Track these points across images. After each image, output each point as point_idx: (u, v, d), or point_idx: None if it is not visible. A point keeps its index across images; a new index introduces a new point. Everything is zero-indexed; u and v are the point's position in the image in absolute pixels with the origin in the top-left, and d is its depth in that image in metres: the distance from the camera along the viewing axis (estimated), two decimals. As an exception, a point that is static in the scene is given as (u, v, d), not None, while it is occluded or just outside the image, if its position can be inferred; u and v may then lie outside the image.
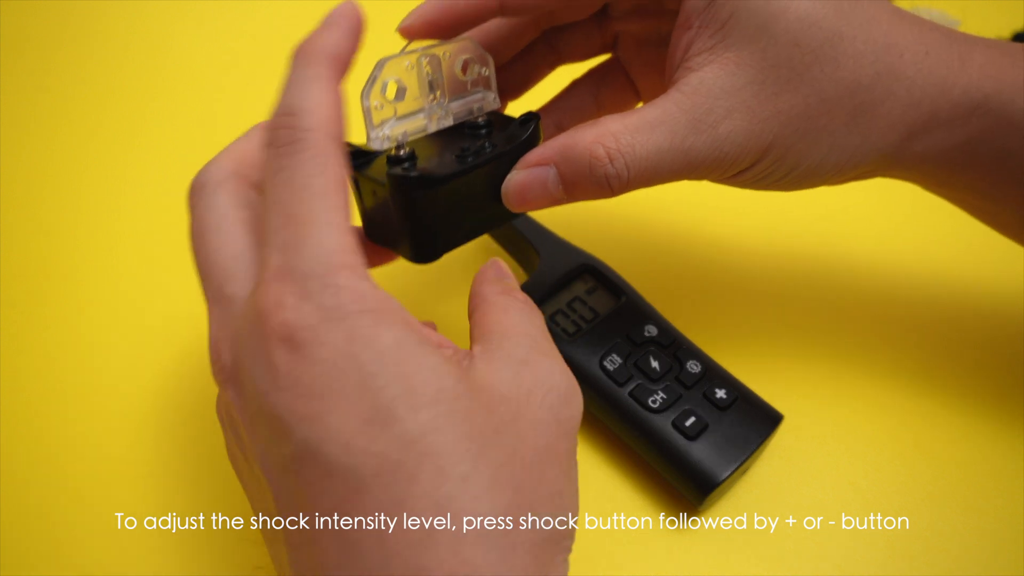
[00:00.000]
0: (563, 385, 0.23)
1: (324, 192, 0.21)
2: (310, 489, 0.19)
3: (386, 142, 0.25)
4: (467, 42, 0.27)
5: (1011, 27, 0.55)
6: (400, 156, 0.25)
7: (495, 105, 0.28)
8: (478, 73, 0.27)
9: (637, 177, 0.26)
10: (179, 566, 0.31)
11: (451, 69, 0.26)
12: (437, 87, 0.26)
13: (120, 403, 0.36)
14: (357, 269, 0.20)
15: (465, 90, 0.27)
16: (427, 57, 0.26)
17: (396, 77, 0.25)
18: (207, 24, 0.58)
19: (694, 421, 0.32)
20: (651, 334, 0.34)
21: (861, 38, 0.26)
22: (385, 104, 0.25)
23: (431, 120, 0.27)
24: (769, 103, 0.26)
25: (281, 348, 0.20)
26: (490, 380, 0.22)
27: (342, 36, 0.23)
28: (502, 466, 0.20)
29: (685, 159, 0.26)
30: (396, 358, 0.20)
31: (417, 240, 0.26)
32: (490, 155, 0.25)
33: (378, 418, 0.19)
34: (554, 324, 0.35)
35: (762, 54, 0.26)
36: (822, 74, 0.26)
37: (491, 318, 0.24)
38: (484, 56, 0.27)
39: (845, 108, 0.26)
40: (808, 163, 0.27)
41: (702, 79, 0.26)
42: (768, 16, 0.26)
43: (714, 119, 0.26)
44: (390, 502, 0.19)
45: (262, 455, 0.21)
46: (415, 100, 0.26)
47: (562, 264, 0.37)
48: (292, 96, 0.22)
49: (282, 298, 0.20)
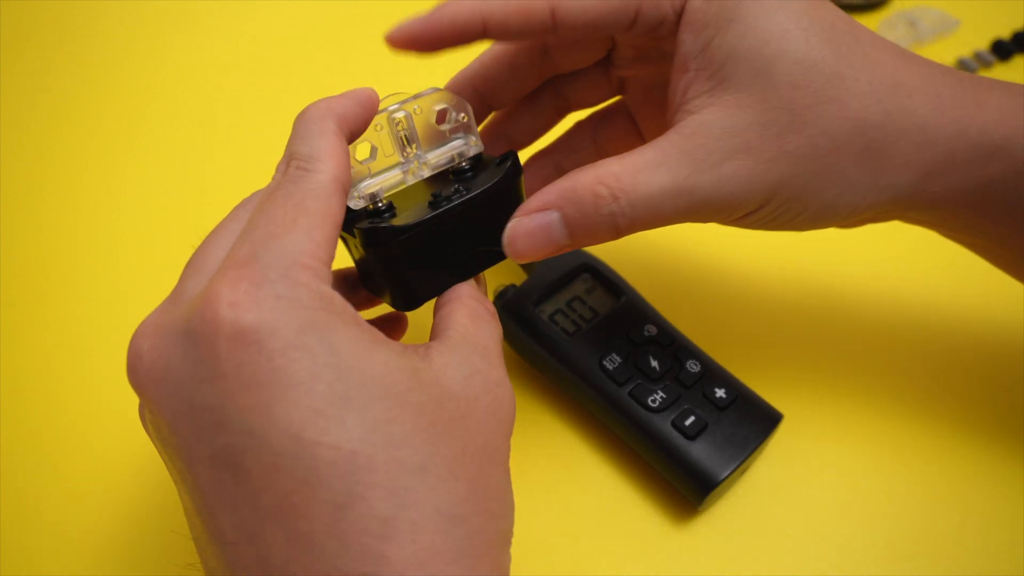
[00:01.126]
0: (506, 399, 0.23)
1: (314, 212, 0.21)
2: (251, 482, 0.19)
3: (361, 201, 0.26)
4: (441, 92, 0.26)
5: (1011, 27, 0.55)
6: (378, 209, 0.26)
7: (477, 150, 0.27)
8: (455, 120, 0.27)
9: (642, 217, 0.25)
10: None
11: (425, 121, 0.26)
12: (412, 141, 0.26)
13: (120, 404, 0.36)
14: (320, 273, 0.20)
15: (443, 139, 0.27)
16: (396, 115, 0.26)
17: (365, 139, 0.25)
18: (207, 24, 0.58)
19: (693, 421, 0.32)
20: (650, 334, 0.34)
21: (864, 79, 0.26)
22: (357, 165, 0.25)
23: (408, 174, 0.27)
24: (774, 144, 0.25)
25: (225, 333, 0.19)
26: (441, 377, 0.22)
27: (352, 104, 0.24)
28: (455, 458, 0.20)
29: (689, 199, 0.25)
30: (351, 352, 0.20)
31: (396, 289, 0.26)
32: (463, 199, 0.25)
33: (331, 408, 0.19)
34: (553, 324, 0.35)
35: (762, 96, 0.25)
36: (827, 114, 0.25)
37: (458, 317, 0.25)
38: (460, 103, 0.27)
39: (855, 146, 0.26)
40: (820, 204, 0.27)
41: (702, 121, 0.26)
42: (764, 60, 0.25)
43: (716, 159, 0.25)
44: (345, 493, 0.18)
45: (188, 450, 0.20)
46: (388, 157, 0.26)
47: (561, 263, 0.37)
48: (304, 144, 0.23)
49: (237, 283, 0.19)
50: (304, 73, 0.54)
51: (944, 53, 0.54)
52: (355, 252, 0.27)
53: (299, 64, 0.55)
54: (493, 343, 0.25)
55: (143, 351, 0.21)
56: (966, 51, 0.54)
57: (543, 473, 0.34)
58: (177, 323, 0.20)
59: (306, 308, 0.19)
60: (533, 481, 0.34)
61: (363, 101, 0.24)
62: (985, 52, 0.53)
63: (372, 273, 0.27)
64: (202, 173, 0.47)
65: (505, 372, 0.24)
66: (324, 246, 0.21)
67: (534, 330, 0.35)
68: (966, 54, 0.54)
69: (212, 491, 0.19)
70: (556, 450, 0.35)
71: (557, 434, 0.35)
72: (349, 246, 0.27)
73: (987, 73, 0.53)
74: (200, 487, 0.20)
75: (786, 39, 0.25)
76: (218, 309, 0.19)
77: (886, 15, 0.57)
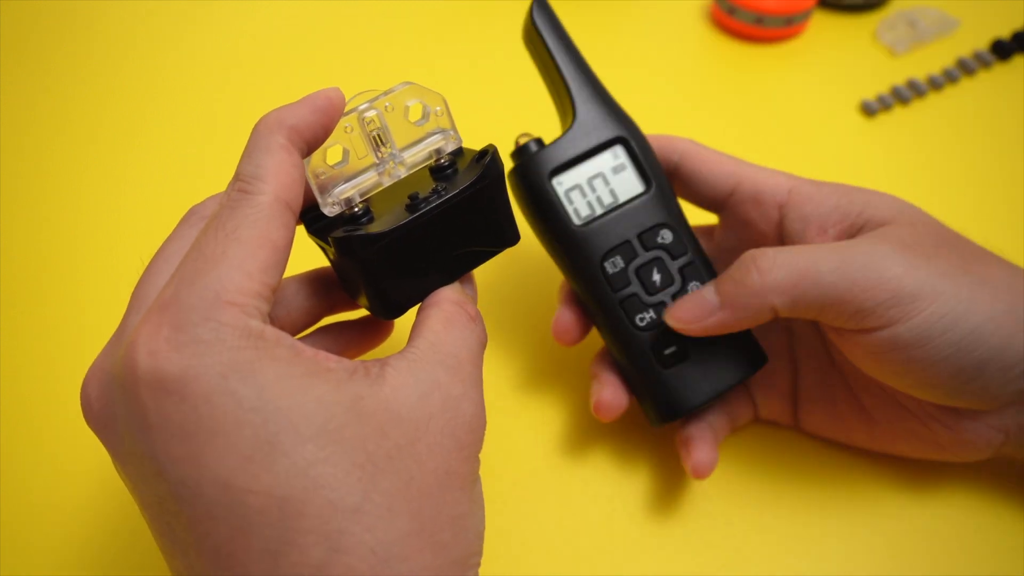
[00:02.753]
0: (468, 413, 0.22)
1: (247, 241, 0.20)
2: (193, 530, 0.19)
3: (336, 207, 0.24)
4: (412, 86, 0.25)
5: (1011, 27, 0.55)
6: (355, 214, 0.25)
7: (456, 144, 0.26)
8: (430, 115, 0.25)
9: (786, 280, 0.27)
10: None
11: (399, 118, 0.25)
12: (386, 140, 0.25)
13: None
14: (248, 308, 0.20)
15: (420, 135, 0.26)
16: (366, 115, 0.25)
17: (335, 142, 0.24)
18: (207, 24, 0.58)
19: (674, 351, 0.31)
20: (664, 241, 0.31)
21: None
22: (328, 170, 0.24)
23: (384, 175, 0.25)
24: (929, 250, 0.27)
25: (146, 383, 0.18)
26: (391, 401, 0.21)
27: (307, 111, 0.23)
28: (397, 493, 0.20)
29: (826, 274, 0.26)
30: (278, 391, 0.19)
31: (375, 298, 0.25)
32: (441, 200, 0.24)
33: (259, 454, 0.18)
34: (568, 202, 0.31)
35: (910, 224, 0.29)
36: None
37: (431, 324, 0.24)
38: (434, 96, 0.25)
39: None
40: (968, 327, 0.26)
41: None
42: (900, 205, 0.30)
43: (868, 246, 0.27)
44: (277, 540, 0.18)
45: (139, 494, 0.20)
46: (362, 159, 0.25)
47: (597, 131, 0.32)
48: (248, 162, 0.22)
49: (157, 329, 0.19)
50: (304, 73, 0.54)
51: (944, 53, 0.54)
52: (332, 258, 0.26)
53: (299, 64, 0.55)
54: (466, 351, 0.23)
55: (92, 398, 0.21)
56: (966, 51, 0.54)
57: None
58: (114, 369, 0.20)
59: (229, 349, 0.19)
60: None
61: (320, 107, 0.23)
62: (985, 52, 0.53)
63: (350, 281, 0.26)
64: (202, 173, 0.47)
65: (474, 384, 0.23)
66: (258, 276, 0.20)
67: (542, 209, 0.31)
68: (966, 54, 0.53)
69: (163, 535, 0.20)
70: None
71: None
72: (326, 252, 0.26)
73: (987, 73, 0.53)
74: (155, 529, 0.20)
75: (902, 200, 0.30)
76: (136, 358, 0.19)
77: (886, 15, 0.57)
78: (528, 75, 0.36)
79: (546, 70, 0.33)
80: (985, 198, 0.45)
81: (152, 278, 0.22)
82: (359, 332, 0.29)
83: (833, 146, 0.49)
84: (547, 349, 0.38)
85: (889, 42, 0.55)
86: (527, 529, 0.33)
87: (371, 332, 0.29)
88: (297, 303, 0.27)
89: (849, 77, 0.53)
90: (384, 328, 0.30)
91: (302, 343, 0.21)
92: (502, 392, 0.37)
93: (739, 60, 0.55)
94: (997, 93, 0.51)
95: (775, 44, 0.56)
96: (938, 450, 0.30)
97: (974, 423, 0.29)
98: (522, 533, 0.33)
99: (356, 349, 0.29)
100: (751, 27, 0.55)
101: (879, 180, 0.46)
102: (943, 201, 0.44)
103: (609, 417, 0.32)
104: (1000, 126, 0.49)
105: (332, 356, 0.21)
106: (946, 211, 0.34)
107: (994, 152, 0.48)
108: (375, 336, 0.30)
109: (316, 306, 0.28)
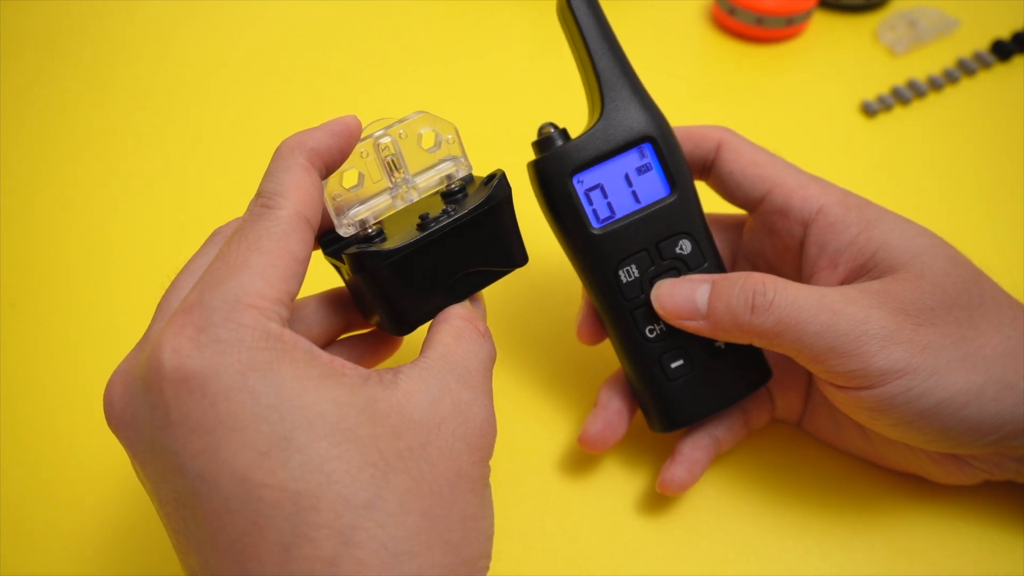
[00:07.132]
0: (479, 418, 0.23)
1: (268, 251, 0.21)
2: (209, 524, 0.19)
3: (351, 228, 0.26)
4: (425, 115, 0.26)
5: (1011, 27, 0.55)
6: (369, 235, 0.26)
7: (467, 171, 0.28)
8: (442, 143, 0.27)
9: (784, 315, 0.27)
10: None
11: (412, 145, 0.27)
12: (399, 166, 0.27)
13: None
14: (268, 311, 0.20)
15: (432, 162, 0.27)
16: (381, 141, 0.26)
17: (351, 166, 0.26)
18: (206, 24, 0.58)
19: (680, 365, 0.31)
20: (682, 252, 0.31)
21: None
22: (344, 193, 0.26)
23: (397, 199, 0.27)
24: (927, 315, 0.27)
25: (170, 379, 0.19)
26: (404, 405, 0.21)
27: (326, 136, 0.24)
28: (408, 492, 0.20)
29: (829, 317, 0.26)
30: (295, 390, 0.20)
31: (386, 314, 0.26)
32: (450, 219, 0.25)
33: (275, 450, 0.19)
34: (587, 203, 0.30)
35: (918, 276, 0.28)
36: (973, 303, 0.28)
37: (441, 337, 0.25)
38: (446, 125, 0.27)
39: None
40: (955, 388, 0.26)
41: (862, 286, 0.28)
42: (920, 246, 0.29)
43: (867, 302, 0.27)
44: (291, 534, 0.19)
45: (157, 492, 0.21)
46: (376, 183, 0.26)
47: (625, 128, 0.30)
48: (271, 181, 0.23)
49: (182, 329, 0.20)
50: (305, 75, 0.54)
51: (944, 53, 0.54)
52: (346, 278, 0.27)
53: (299, 66, 0.55)
54: (476, 363, 0.24)
55: (114, 398, 0.21)
56: (966, 51, 0.54)
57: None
58: (139, 370, 0.21)
59: (248, 349, 0.20)
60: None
61: (338, 132, 0.24)
62: (985, 52, 0.53)
63: (363, 298, 0.27)
64: (201, 174, 0.47)
65: (484, 392, 0.24)
66: (277, 283, 0.21)
67: (560, 210, 0.30)
68: (966, 54, 0.54)
69: (180, 531, 0.20)
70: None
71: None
72: (341, 273, 0.27)
73: (987, 73, 0.53)
74: (171, 526, 0.21)
75: (925, 236, 0.29)
76: (160, 356, 0.20)
77: (886, 15, 0.57)
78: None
79: (577, 51, 0.31)
80: (985, 198, 0.45)
81: (177, 290, 0.23)
82: (370, 345, 0.30)
83: (833, 146, 0.49)
84: (555, 357, 0.38)
85: (889, 42, 0.55)
86: (527, 529, 0.33)
87: (380, 346, 0.30)
88: (317, 320, 0.28)
89: (849, 77, 0.53)
90: (393, 342, 0.31)
91: (318, 348, 0.21)
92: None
93: (740, 60, 0.55)
94: (997, 93, 0.52)
95: (775, 44, 0.56)
96: (927, 474, 0.32)
97: (958, 460, 0.30)
98: (522, 533, 0.33)
99: (367, 361, 0.30)
100: (752, 27, 0.55)
101: (879, 180, 0.46)
102: (943, 201, 0.44)
103: (592, 450, 0.32)
104: (1000, 126, 0.49)
105: (347, 363, 0.22)
106: (946, 211, 0.34)
107: (994, 152, 0.48)
108: (384, 349, 0.30)
109: (334, 324, 0.29)
